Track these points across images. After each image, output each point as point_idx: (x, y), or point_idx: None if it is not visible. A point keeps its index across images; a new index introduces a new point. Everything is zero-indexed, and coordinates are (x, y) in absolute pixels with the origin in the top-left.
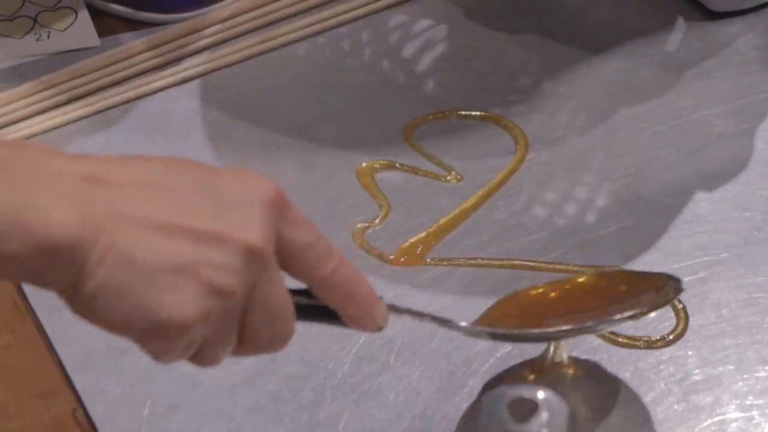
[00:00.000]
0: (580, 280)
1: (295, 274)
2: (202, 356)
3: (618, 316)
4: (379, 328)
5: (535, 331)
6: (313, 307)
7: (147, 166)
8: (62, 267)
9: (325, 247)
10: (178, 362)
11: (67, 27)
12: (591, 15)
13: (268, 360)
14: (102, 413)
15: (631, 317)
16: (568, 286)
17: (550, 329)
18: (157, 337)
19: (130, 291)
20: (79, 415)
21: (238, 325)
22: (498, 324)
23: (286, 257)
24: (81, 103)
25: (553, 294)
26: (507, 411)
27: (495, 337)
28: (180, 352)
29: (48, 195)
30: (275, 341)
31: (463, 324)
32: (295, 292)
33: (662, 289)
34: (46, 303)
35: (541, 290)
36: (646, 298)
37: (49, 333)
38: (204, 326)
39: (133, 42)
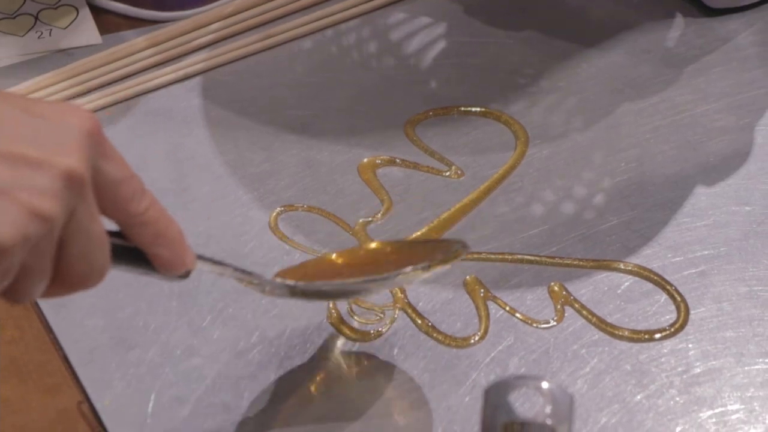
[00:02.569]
0: (373, 246)
1: (108, 211)
2: (16, 289)
3: (410, 269)
4: (187, 272)
5: (335, 283)
6: (125, 249)
7: None
8: None
9: (138, 185)
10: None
11: (69, 24)
12: (591, 11)
13: (272, 353)
14: (108, 407)
15: (423, 269)
16: (361, 252)
17: (348, 281)
18: None
19: None
20: (84, 408)
21: (54, 258)
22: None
23: (101, 191)
24: (83, 100)
25: (348, 259)
26: (511, 401)
27: (294, 292)
28: None
29: None
30: (90, 276)
31: (266, 278)
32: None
33: (451, 248)
34: (52, 299)
35: (334, 256)
36: (437, 256)
37: (55, 328)
38: (22, 252)
39: (134, 39)
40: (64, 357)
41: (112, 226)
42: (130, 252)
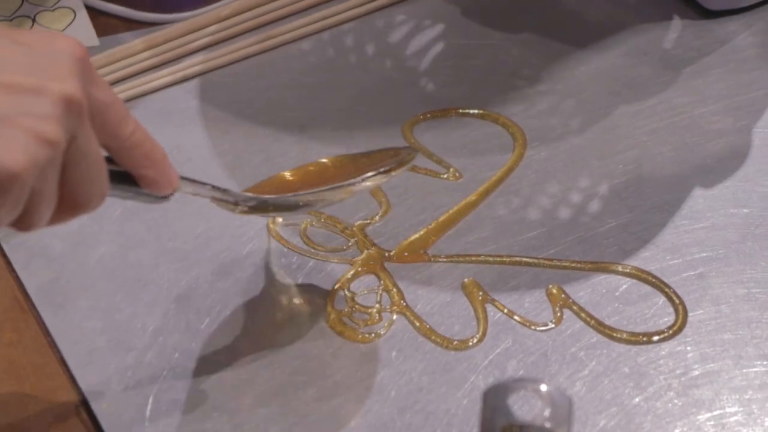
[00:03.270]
0: (324, 160)
1: (97, 134)
2: (27, 216)
3: (372, 173)
4: (172, 192)
5: (306, 192)
6: (115, 174)
7: None
8: None
9: (124, 109)
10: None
11: (66, 27)
12: (589, 13)
13: (271, 356)
14: (105, 410)
15: (384, 172)
16: (312, 168)
17: (317, 189)
18: None
19: None
20: (82, 411)
21: (60, 182)
22: None
23: (92, 116)
24: None
25: (301, 175)
26: (510, 404)
27: (266, 206)
28: (8, 210)
29: None
30: (93, 197)
31: (240, 193)
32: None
33: (400, 154)
34: (50, 300)
35: (289, 174)
36: (391, 162)
37: (52, 330)
38: (32, 178)
39: (132, 41)
40: (62, 359)
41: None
42: (120, 176)
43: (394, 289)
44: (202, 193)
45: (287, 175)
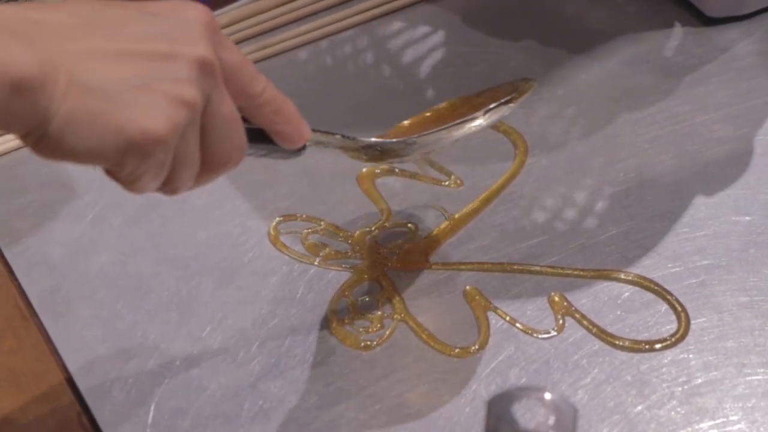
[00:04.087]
0: (441, 105)
1: (231, 95)
2: (172, 180)
3: (495, 104)
4: (305, 144)
5: (437, 129)
6: (249, 132)
7: (84, 6)
8: (27, 106)
9: (254, 68)
10: (149, 194)
11: None
12: (589, 21)
13: (272, 364)
14: (107, 418)
15: (506, 102)
16: (429, 114)
17: (445, 126)
18: (132, 156)
19: (100, 117)
20: (83, 419)
21: (201, 144)
22: None
23: (224, 77)
24: None
25: (422, 122)
26: (514, 412)
27: (381, 152)
28: (153, 175)
29: (1, 37)
30: (234, 153)
31: (368, 140)
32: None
33: (517, 85)
34: (51, 308)
35: (408, 122)
36: (507, 95)
37: (54, 338)
38: (174, 140)
39: None
40: (64, 367)
41: None
42: (255, 134)
43: (396, 297)
44: (332, 143)
45: (406, 123)
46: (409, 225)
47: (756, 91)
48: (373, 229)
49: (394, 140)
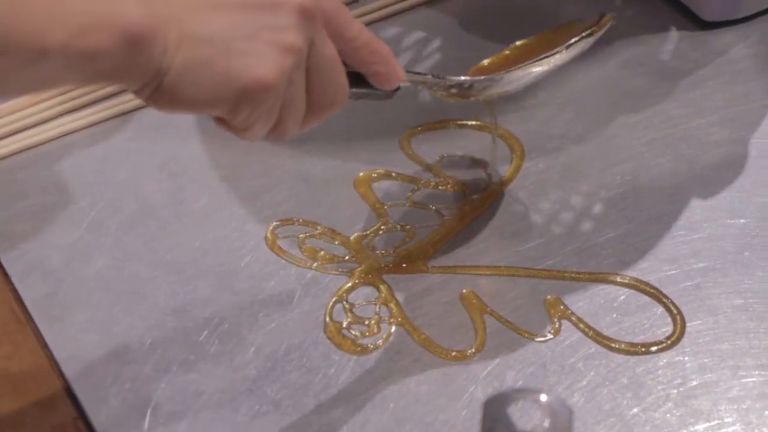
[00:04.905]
0: (518, 43)
1: (330, 39)
2: (282, 123)
3: (576, 38)
4: (400, 84)
5: (514, 69)
6: (349, 75)
7: None
8: (143, 58)
9: (348, 13)
10: (259, 141)
11: None
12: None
13: (269, 367)
14: (103, 422)
15: (585, 37)
16: (508, 53)
17: (528, 62)
18: (245, 103)
19: (213, 66)
20: (80, 424)
21: (307, 87)
22: None
23: (323, 22)
24: (78, 115)
25: (503, 61)
26: (510, 414)
27: (468, 89)
28: (264, 120)
29: None
30: (337, 95)
31: (453, 77)
32: None
33: (592, 21)
34: (47, 313)
35: (488, 61)
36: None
37: (50, 343)
38: (283, 85)
39: None
40: (60, 372)
41: None
42: (352, 77)
43: (393, 301)
44: (424, 83)
45: (486, 63)
46: (406, 228)
47: (752, 94)
48: (369, 233)
49: (482, 77)
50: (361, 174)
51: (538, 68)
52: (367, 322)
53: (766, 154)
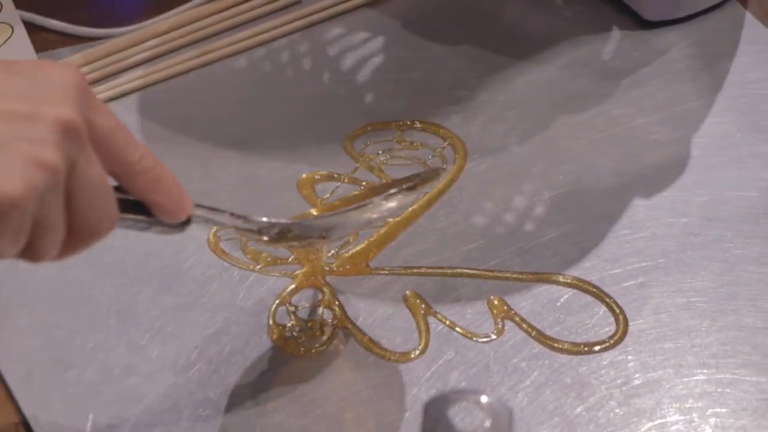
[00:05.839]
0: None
1: (103, 162)
2: (34, 247)
3: (395, 189)
4: (187, 219)
5: (332, 213)
6: (126, 203)
7: None
8: None
9: (129, 134)
10: (10, 261)
11: (4, 43)
12: (528, 26)
13: (212, 371)
14: (45, 427)
15: (407, 189)
16: (338, 203)
17: (340, 210)
18: None
19: None
20: (21, 430)
21: (65, 210)
22: None
23: (95, 142)
24: None
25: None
26: (450, 416)
27: (287, 231)
28: (11, 240)
29: None
30: (102, 222)
31: (261, 219)
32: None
33: (428, 172)
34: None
35: (315, 210)
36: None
37: None
38: (32, 204)
39: (70, 57)
40: (1, 377)
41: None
42: (133, 205)
43: (336, 303)
44: (220, 222)
45: (313, 211)
46: None
47: (692, 93)
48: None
49: (290, 221)
50: (303, 175)
51: (354, 215)
52: (310, 324)
53: (708, 154)
